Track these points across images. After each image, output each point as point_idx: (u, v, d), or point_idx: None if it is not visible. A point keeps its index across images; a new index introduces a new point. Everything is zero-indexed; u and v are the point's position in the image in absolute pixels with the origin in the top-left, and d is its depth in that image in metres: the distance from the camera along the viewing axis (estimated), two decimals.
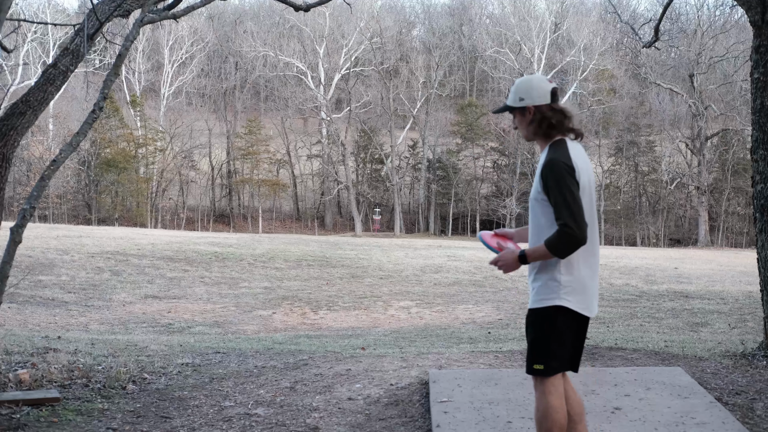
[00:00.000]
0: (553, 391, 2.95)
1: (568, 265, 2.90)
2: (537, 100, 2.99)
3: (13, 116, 5.10)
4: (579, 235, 2.79)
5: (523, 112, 3.03)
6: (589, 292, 2.95)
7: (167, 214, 52.66)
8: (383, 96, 54.80)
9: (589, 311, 2.97)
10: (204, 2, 5.73)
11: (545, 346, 2.94)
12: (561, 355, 2.96)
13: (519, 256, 2.96)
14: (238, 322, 11.53)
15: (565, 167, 2.85)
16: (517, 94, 3.03)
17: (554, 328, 2.92)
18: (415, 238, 42.28)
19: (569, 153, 2.91)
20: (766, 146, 5.43)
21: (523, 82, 3.04)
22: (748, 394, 4.57)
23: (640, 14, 55.80)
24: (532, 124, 3.01)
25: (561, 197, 2.81)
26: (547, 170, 2.86)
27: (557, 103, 3.00)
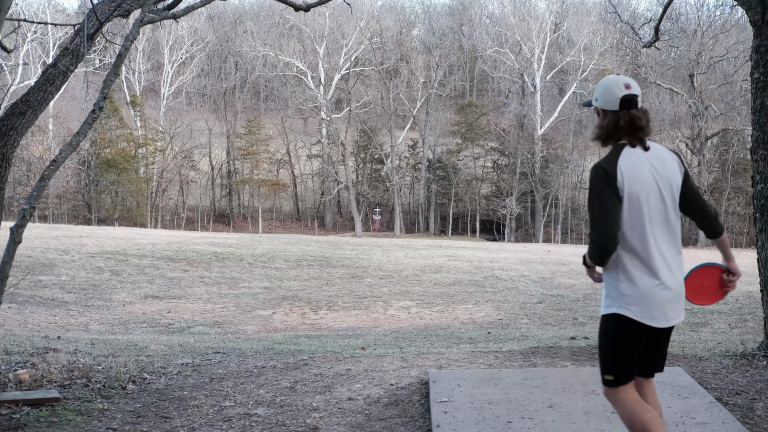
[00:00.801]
0: (627, 398, 2.90)
1: (627, 275, 2.84)
2: (605, 105, 2.94)
3: (13, 116, 5.10)
4: (599, 243, 2.78)
5: (597, 112, 3.02)
6: (654, 301, 2.83)
7: (167, 214, 52.66)
8: (383, 96, 54.80)
9: (654, 321, 2.84)
10: (204, 2, 5.73)
11: (611, 355, 2.91)
12: (627, 365, 2.90)
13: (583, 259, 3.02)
14: (238, 322, 11.53)
15: (603, 174, 2.81)
16: (595, 93, 3.01)
17: (616, 337, 2.88)
18: (415, 238, 42.27)
19: (618, 159, 2.85)
20: (766, 146, 5.43)
21: (601, 83, 2.99)
22: (748, 394, 4.57)
23: (640, 14, 55.79)
24: (598, 126, 3.00)
25: (589, 205, 2.84)
26: (590, 175, 2.88)
27: (628, 111, 2.89)
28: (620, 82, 2.93)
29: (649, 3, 76.55)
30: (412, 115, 54.47)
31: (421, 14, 75.56)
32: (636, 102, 2.90)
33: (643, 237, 2.82)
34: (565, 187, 51.63)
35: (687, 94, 44.09)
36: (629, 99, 2.89)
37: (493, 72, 58.31)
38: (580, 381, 4.68)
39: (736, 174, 46.86)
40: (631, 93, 2.90)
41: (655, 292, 2.83)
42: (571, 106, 52.79)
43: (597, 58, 51.60)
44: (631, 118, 2.88)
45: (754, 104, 5.52)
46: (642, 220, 2.82)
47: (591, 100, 3.05)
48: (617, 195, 2.79)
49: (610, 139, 2.95)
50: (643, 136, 2.91)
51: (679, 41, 42.13)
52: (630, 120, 2.88)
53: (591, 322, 10.52)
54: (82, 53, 5.26)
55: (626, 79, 2.95)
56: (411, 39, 65.24)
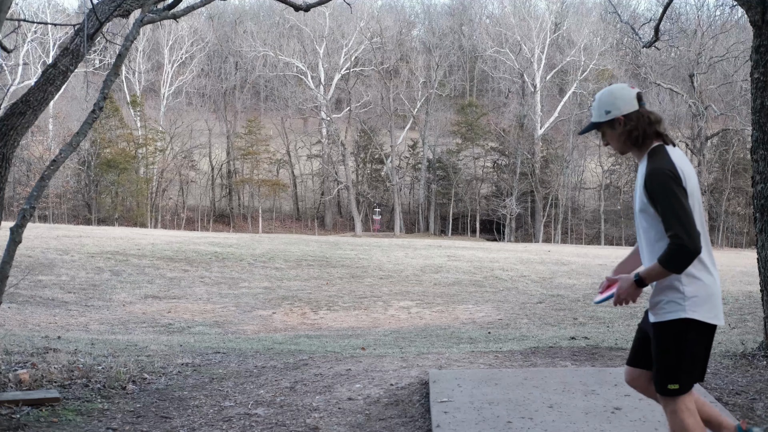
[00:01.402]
0: (685, 410, 2.82)
1: (689, 275, 2.77)
2: (624, 109, 2.88)
3: (13, 116, 5.10)
4: (691, 245, 2.66)
5: (613, 125, 2.92)
6: (714, 299, 2.82)
7: (167, 214, 52.66)
8: (383, 96, 54.80)
9: (717, 319, 2.82)
10: (204, 2, 5.73)
11: (678, 363, 2.80)
12: (693, 370, 2.83)
13: (636, 281, 2.82)
14: (238, 322, 11.53)
15: (671, 175, 2.73)
16: (601, 108, 2.92)
17: (685, 344, 2.79)
18: (415, 238, 42.28)
19: (672, 159, 2.80)
20: (766, 146, 5.43)
21: (605, 95, 2.93)
22: (748, 394, 4.57)
23: (640, 14, 55.79)
24: (623, 135, 2.91)
25: (669, 207, 2.70)
26: (652, 180, 2.75)
27: (644, 107, 2.89)
28: (623, 86, 2.93)
29: (649, 3, 76.58)
30: (412, 115, 54.48)
31: (421, 14, 75.65)
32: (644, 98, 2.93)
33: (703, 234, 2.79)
34: (565, 187, 51.64)
35: (687, 94, 44.11)
36: (641, 96, 2.90)
37: (493, 72, 58.32)
38: (580, 381, 4.68)
39: (736, 174, 46.88)
40: (639, 91, 2.91)
41: (714, 289, 2.83)
42: (571, 106, 52.80)
43: (597, 58, 51.62)
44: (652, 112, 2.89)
45: (754, 104, 5.52)
46: (700, 218, 2.79)
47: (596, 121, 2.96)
48: (686, 194, 2.75)
49: (646, 138, 2.88)
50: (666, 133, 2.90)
51: (679, 41, 42.11)
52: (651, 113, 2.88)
53: (591, 322, 10.52)
54: (82, 53, 5.26)
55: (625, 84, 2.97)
56: (411, 39, 65.23)
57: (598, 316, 11.14)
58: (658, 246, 2.79)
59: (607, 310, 11.80)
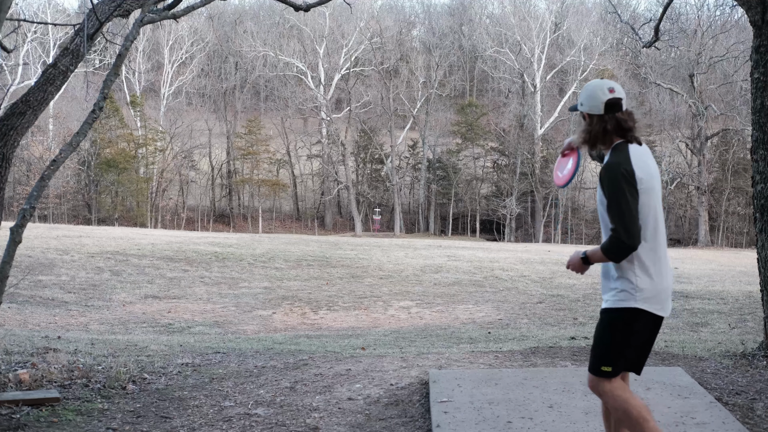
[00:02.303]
0: (618, 386, 2.97)
1: (643, 268, 2.93)
2: (590, 109, 3.02)
3: (13, 116, 5.10)
4: (628, 242, 2.83)
5: (582, 116, 3.09)
6: (664, 293, 2.98)
7: (167, 214, 52.66)
8: (383, 96, 54.80)
9: (664, 311, 2.99)
10: (204, 2, 5.73)
11: (617, 348, 2.96)
12: (629, 357, 2.98)
13: (582, 258, 3.04)
14: (238, 322, 11.53)
15: (623, 172, 2.87)
16: (580, 98, 3.08)
17: (629, 331, 2.95)
18: (415, 238, 42.27)
19: (630, 157, 2.92)
20: (766, 146, 5.43)
21: (585, 88, 3.06)
22: (748, 394, 4.57)
23: (640, 14, 55.80)
24: (584, 130, 3.07)
25: (615, 202, 2.85)
26: (605, 174, 2.90)
27: (614, 114, 2.98)
28: (604, 87, 3.00)
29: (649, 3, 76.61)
30: (412, 115, 54.48)
31: (421, 14, 75.65)
32: (620, 105, 2.98)
33: (656, 230, 2.95)
34: (565, 187, 51.60)
35: (687, 94, 44.10)
36: (614, 103, 2.97)
37: (493, 72, 58.30)
38: (580, 381, 4.68)
39: (736, 174, 46.86)
40: (615, 97, 2.97)
41: (667, 283, 2.99)
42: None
43: (597, 58, 51.60)
44: (617, 121, 2.97)
45: (754, 104, 5.52)
46: (655, 215, 2.94)
47: (577, 105, 3.10)
48: (636, 192, 2.87)
49: (598, 142, 3.03)
50: (633, 136, 2.99)
51: (679, 41, 42.11)
52: (616, 123, 2.97)
53: (591, 322, 10.51)
54: (82, 53, 5.26)
55: (610, 83, 3.02)
56: (411, 39, 65.23)
57: (598, 316, 11.14)
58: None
59: None
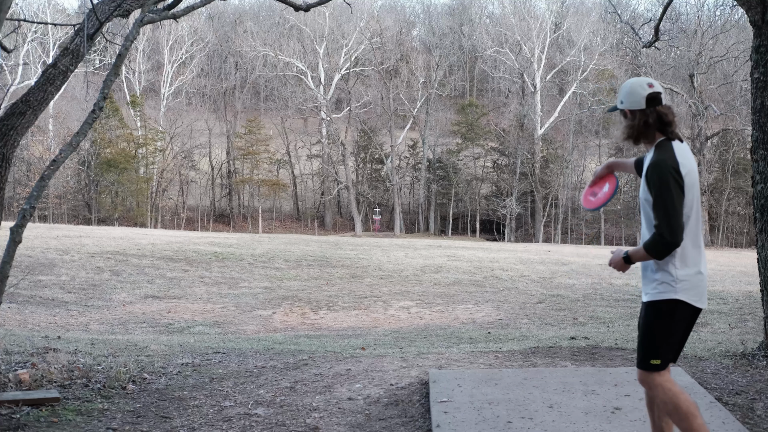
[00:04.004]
0: (667, 380, 3.03)
1: (683, 259, 3.01)
2: (631, 105, 3.10)
3: (13, 116, 5.10)
4: (670, 239, 2.91)
5: (624, 114, 3.15)
6: (702, 284, 3.05)
7: (167, 214, 52.66)
8: (383, 96, 54.80)
9: (702, 303, 3.06)
10: (204, 2, 5.73)
11: (662, 340, 3.02)
12: (674, 348, 3.06)
13: (624, 257, 3.13)
14: (238, 322, 11.53)
15: (671, 170, 2.94)
16: (620, 96, 3.16)
17: (672, 322, 3.02)
18: (415, 238, 42.27)
19: (675, 155, 2.99)
20: (766, 146, 5.43)
21: (626, 85, 3.14)
22: (748, 394, 4.57)
23: (640, 14, 55.76)
24: (626, 127, 3.14)
25: (661, 200, 2.93)
26: (652, 172, 2.97)
27: (654, 108, 3.06)
28: (643, 83, 3.10)
29: (649, 3, 76.58)
30: (412, 115, 54.48)
31: (421, 14, 75.68)
32: (660, 99, 3.08)
33: (697, 224, 3.04)
34: (565, 187, 51.64)
35: (687, 94, 44.09)
36: (654, 97, 3.07)
37: (493, 72, 58.31)
38: (580, 381, 4.68)
39: (736, 174, 46.87)
40: (655, 91, 3.07)
41: (702, 275, 3.06)
42: (571, 106, 52.79)
43: (597, 58, 51.60)
44: (659, 115, 3.06)
45: (754, 104, 5.52)
46: (697, 209, 3.05)
47: (615, 105, 3.19)
48: (682, 189, 2.96)
49: (642, 137, 3.11)
50: (674, 130, 3.08)
51: (679, 41, 42.11)
52: (658, 116, 3.06)
53: (591, 322, 10.51)
54: (82, 53, 5.26)
55: (648, 79, 3.13)
56: (411, 39, 65.25)
57: (598, 316, 11.14)
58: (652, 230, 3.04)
59: (607, 310, 11.80)
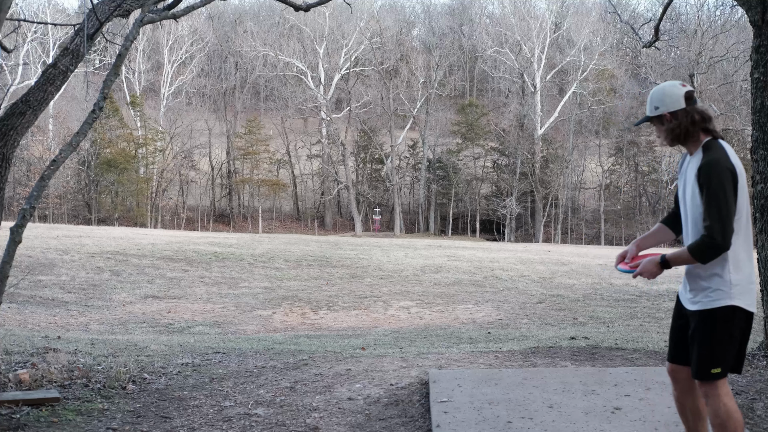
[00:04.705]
0: (727, 392, 2.92)
1: (737, 263, 2.89)
2: (671, 106, 3.02)
3: (13, 116, 5.10)
4: (721, 243, 2.80)
5: (661, 120, 3.06)
6: (753, 288, 2.95)
7: (167, 214, 52.66)
8: (383, 96, 54.79)
9: (753, 307, 2.95)
10: (204, 2, 5.72)
11: (722, 348, 2.90)
12: (733, 355, 2.94)
13: (661, 262, 2.98)
14: (238, 322, 11.53)
15: (728, 171, 2.85)
16: (652, 104, 3.08)
17: (730, 330, 2.90)
18: (415, 238, 42.27)
19: (729, 155, 2.91)
20: (766, 146, 5.43)
21: (656, 91, 3.07)
22: (748, 394, 4.57)
23: (640, 14, 55.79)
24: (670, 130, 3.04)
25: (714, 200, 2.81)
26: (709, 171, 2.85)
27: (694, 105, 3.00)
28: (676, 83, 3.07)
29: (649, 3, 76.61)
30: (412, 115, 54.47)
31: (421, 14, 75.66)
32: (695, 98, 3.03)
33: (748, 227, 2.92)
34: (565, 187, 51.64)
35: None
36: (690, 95, 3.02)
37: (493, 72, 58.30)
38: (580, 381, 4.68)
39: None
40: (690, 89, 3.03)
41: (753, 279, 2.94)
42: (571, 106, 52.79)
43: (597, 58, 51.61)
44: (701, 111, 3.00)
45: (754, 104, 5.51)
46: (748, 212, 2.94)
47: (648, 115, 3.11)
48: (736, 191, 2.87)
49: (689, 137, 3.02)
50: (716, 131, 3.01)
51: (679, 41, 42.12)
52: (700, 112, 3.00)
53: (591, 322, 10.52)
54: (82, 53, 5.26)
55: (678, 81, 3.10)
56: (411, 39, 65.25)
57: (598, 316, 11.14)
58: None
59: (607, 310, 11.81)
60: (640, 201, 51.66)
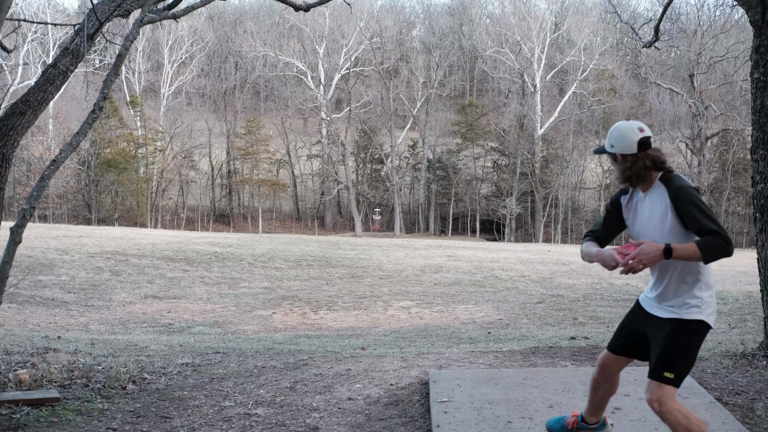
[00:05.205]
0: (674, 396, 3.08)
1: (707, 283, 3.13)
2: (624, 150, 3.15)
3: (13, 116, 5.10)
4: (731, 246, 2.95)
5: (614, 158, 3.21)
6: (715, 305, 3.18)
7: (167, 214, 52.66)
8: (383, 96, 54.80)
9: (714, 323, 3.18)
10: (204, 2, 5.73)
11: (684, 357, 3.09)
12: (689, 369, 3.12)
13: (664, 250, 3.01)
14: (238, 322, 11.53)
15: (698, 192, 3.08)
16: (609, 140, 3.21)
17: (695, 342, 3.11)
18: (415, 238, 42.27)
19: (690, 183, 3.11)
20: (766, 146, 5.43)
21: (615, 130, 3.20)
22: (748, 394, 4.57)
23: (640, 14, 55.79)
24: (622, 171, 3.20)
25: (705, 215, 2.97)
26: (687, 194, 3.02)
27: (646, 151, 3.13)
28: (634, 127, 3.17)
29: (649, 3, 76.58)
30: (412, 115, 54.48)
31: (421, 14, 75.66)
32: (651, 143, 3.16)
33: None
34: (565, 187, 51.64)
35: (687, 94, 44.09)
36: (645, 141, 3.13)
37: (493, 72, 58.30)
38: (580, 381, 4.68)
39: (736, 174, 46.86)
40: (646, 135, 3.14)
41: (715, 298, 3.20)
42: (571, 106, 52.79)
43: (597, 58, 51.61)
44: (653, 157, 3.14)
45: (754, 104, 5.52)
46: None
47: (604, 147, 3.25)
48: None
49: (639, 179, 3.17)
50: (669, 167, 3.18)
51: (679, 41, 42.12)
52: (652, 159, 3.13)
53: (591, 322, 10.52)
54: (82, 53, 5.26)
55: (638, 124, 3.19)
56: (411, 39, 65.24)
57: (598, 316, 11.14)
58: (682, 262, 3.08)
59: (607, 310, 11.80)
60: None
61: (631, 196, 3.27)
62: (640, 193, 3.22)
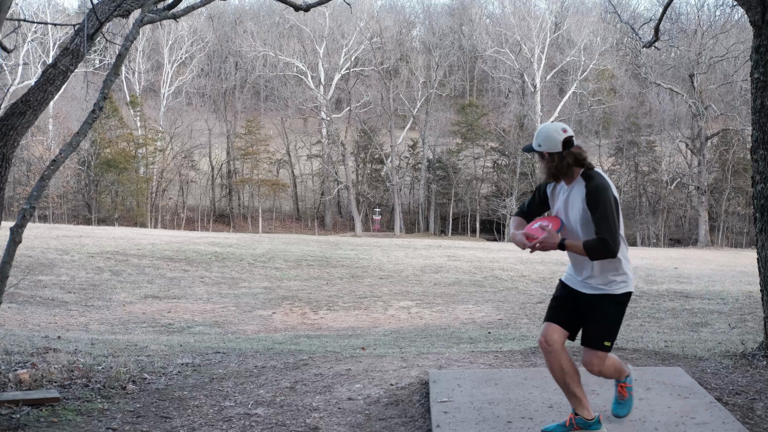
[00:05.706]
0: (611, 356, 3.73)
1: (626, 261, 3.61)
2: (550, 149, 3.54)
3: (13, 116, 5.10)
4: (614, 249, 3.43)
5: (542, 155, 3.59)
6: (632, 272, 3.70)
7: (167, 214, 52.66)
8: (383, 96, 54.80)
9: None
10: (204, 2, 5.73)
11: (618, 326, 3.66)
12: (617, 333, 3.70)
13: (559, 243, 3.50)
14: (238, 322, 11.53)
15: (612, 194, 3.46)
16: (537, 140, 3.59)
17: (624, 310, 3.67)
18: (415, 238, 42.27)
19: (608, 181, 3.51)
20: (766, 146, 5.43)
21: (541, 131, 3.58)
22: (748, 394, 4.57)
23: (640, 14, 55.78)
24: (547, 168, 3.59)
25: (605, 217, 3.42)
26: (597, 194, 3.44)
27: (570, 149, 3.53)
28: (558, 128, 3.55)
29: (649, 3, 76.60)
30: (412, 115, 54.48)
31: (421, 14, 75.64)
32: (573, 142, 3.55)
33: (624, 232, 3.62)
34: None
35: (687, 94, 44.10)
36: (568, 140, 3.53)
37: (493, 72, 58.29)
38: None
39: (736, 174, 46.85)
40: (569, 135, 3.53)
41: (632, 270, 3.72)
42: (571, 106, 52.80)
43: (597, 58, 51.60)
44: (575, 155, 3.53)
45: (754, 104, 5.52)
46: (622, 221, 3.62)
47: (532, 145, 3.63)
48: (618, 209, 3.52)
49: (562, 175, 3.58)
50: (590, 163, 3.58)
51: (679, 41, 42.13)
52: (574, 156, 3.53)
53: None
54: (82, 53, 5.26)
55: (562, 125, 3.57)
56: (411, 39, 65.24)
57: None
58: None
59: None
60: (640, 201, 51.64)
61: (556, 186, 3.69)
62: (564, 185, 3.63)
